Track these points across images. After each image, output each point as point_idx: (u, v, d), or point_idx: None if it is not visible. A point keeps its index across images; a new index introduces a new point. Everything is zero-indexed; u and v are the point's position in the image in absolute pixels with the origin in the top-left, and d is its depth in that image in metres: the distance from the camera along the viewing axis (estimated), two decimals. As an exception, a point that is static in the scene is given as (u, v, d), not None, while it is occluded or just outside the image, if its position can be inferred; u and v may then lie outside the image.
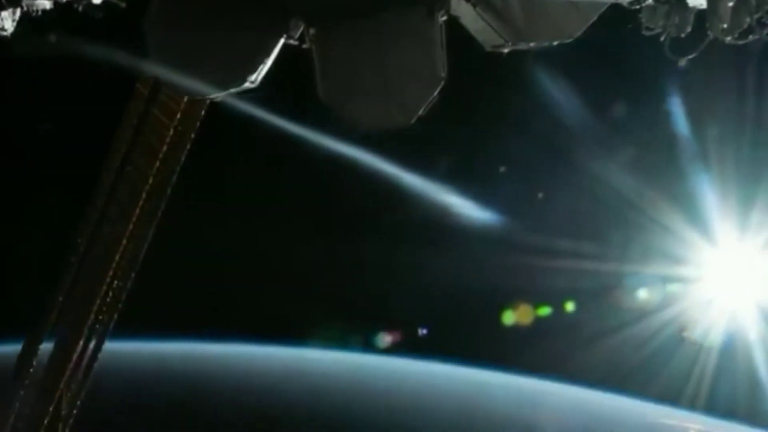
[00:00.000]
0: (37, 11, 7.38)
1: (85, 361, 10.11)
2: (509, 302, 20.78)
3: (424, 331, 21.20)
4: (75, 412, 10.29)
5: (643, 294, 19.84)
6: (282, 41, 7.13)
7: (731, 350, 19.42)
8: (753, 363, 19.19)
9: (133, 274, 9.71)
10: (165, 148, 8.98)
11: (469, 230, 19.05)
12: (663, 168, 18.79)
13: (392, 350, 21.62)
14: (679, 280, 19.48)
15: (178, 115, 8.83)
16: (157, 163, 8.99)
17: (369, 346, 21.37)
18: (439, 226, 18.99)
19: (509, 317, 20.58)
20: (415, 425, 19.66)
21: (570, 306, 20.62)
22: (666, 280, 19.57)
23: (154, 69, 7.44)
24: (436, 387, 20.81)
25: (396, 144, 17.34)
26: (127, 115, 8.96)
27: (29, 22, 7.41)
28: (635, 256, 19.46)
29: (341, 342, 21.27)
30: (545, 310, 20.82)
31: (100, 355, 10.16)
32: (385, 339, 21.36)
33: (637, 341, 19.79)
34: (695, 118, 17.92)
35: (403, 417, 19.71)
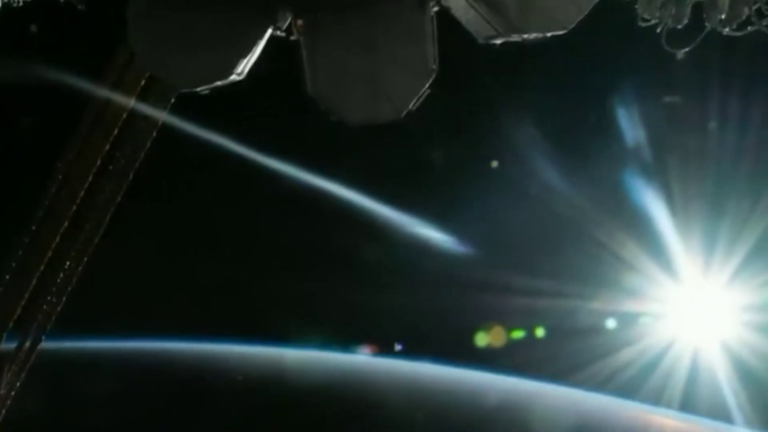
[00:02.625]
0: (19, 2, 7.22)
1: (23, 352, 9.95)
2: (466, 337, 20.40)
3: (400, 347, 21.21)
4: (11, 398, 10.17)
5: (607, 329, 19.50)
6: (269, 33, 6.97)
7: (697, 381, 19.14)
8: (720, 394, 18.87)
9: (77, 271, 9.51)
10: (126, 138, 8.84)
11: (434, 255, 18.79)
12: (625, 201, 18.51)
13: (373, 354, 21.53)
14: (643, 315, 19.23)
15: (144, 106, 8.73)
16: (120, 154, 8.83)
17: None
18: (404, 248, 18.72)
19: (472, 345, 20.26)
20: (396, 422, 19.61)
21: (532, 342, 20.24)
22: (630, 315, 19.29)
23: (140, 62, 7.29)
24: (416, 386, 20.75)
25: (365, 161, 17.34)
26: (91, 105, 8.81)
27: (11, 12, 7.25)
28: (599, 291, 19.15)
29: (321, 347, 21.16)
30: (506, 344, 20.42)
31: (39, 347, 10.01)
32: (363, 351, 21.28)
33: (602, 376, 19.54)
34: (664, 147, 17.73)
35: (385, 414, 19.63)
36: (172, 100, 8.41)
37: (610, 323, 19.41)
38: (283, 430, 19.11)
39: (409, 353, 21.04)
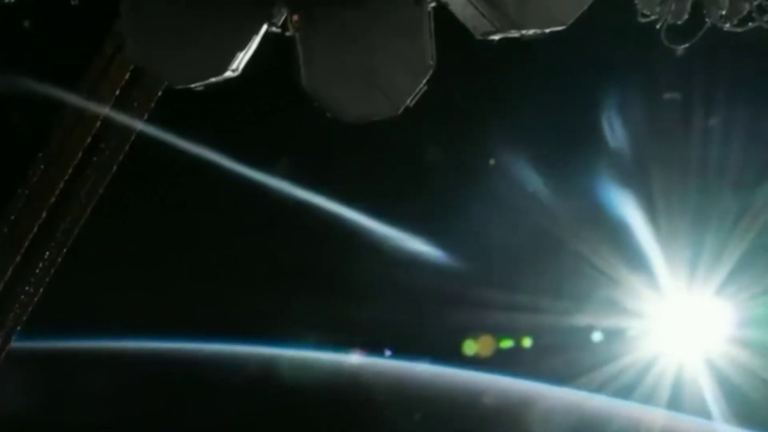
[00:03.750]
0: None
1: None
2: (450, 350, 20.16)
3: (389, 353, 21.16)
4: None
5: (591, 343, 19.18)
6: (264, 28, 6.89)
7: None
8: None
9: (56, 262, 9.39)
10: (111, 129, 8.76)
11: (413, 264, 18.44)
12: (608, 215, 18.20)
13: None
14: (627, 330, 18.92)
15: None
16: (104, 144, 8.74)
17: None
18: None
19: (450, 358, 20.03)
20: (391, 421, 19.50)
21: (513, 357, 19.94)
22: (615, 330, 18.99)
23: (132, 56, 7.21)
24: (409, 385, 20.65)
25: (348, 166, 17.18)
26: (76, 94, 8.72)
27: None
28: (583, 305, 18.85)
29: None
30: (489, 358, 20.15)
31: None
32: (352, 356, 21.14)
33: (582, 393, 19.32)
34: (657, 153, 17.39)
35: (382, 415, 19.53)
36: (159, 93, 8.34)
37: (594, 338, 19.13)
38: (279, 430, 19.07)
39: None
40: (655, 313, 18.55)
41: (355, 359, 20.73)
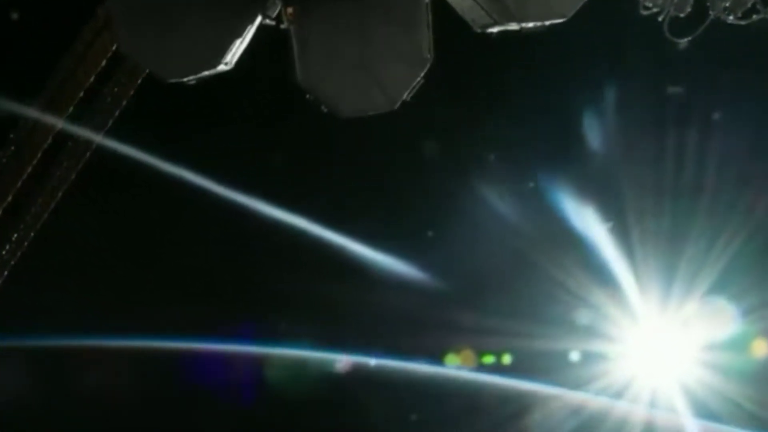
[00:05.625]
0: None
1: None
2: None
3: (374, 362, 21.08)
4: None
5: (564, 367, 19.03)
6: (258, 21, 6.77)
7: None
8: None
9: (23, 246, 9.26)
10: (88, 114, 8.63)
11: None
12: (581, 239, 17.99)
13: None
14: (600, 355, 18.80)
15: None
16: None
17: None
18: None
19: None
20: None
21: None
22: (587, 354, 18.85)
23: (123, 49, 7.09)
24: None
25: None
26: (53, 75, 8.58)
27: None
28: (556, 330, 18.69)
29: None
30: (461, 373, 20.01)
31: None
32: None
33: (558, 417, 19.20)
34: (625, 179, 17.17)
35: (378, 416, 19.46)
36: (140, 81, 8.21)
37: (568, 361, 19.00)
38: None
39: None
40: (627, 337, 18.45)
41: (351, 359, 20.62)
